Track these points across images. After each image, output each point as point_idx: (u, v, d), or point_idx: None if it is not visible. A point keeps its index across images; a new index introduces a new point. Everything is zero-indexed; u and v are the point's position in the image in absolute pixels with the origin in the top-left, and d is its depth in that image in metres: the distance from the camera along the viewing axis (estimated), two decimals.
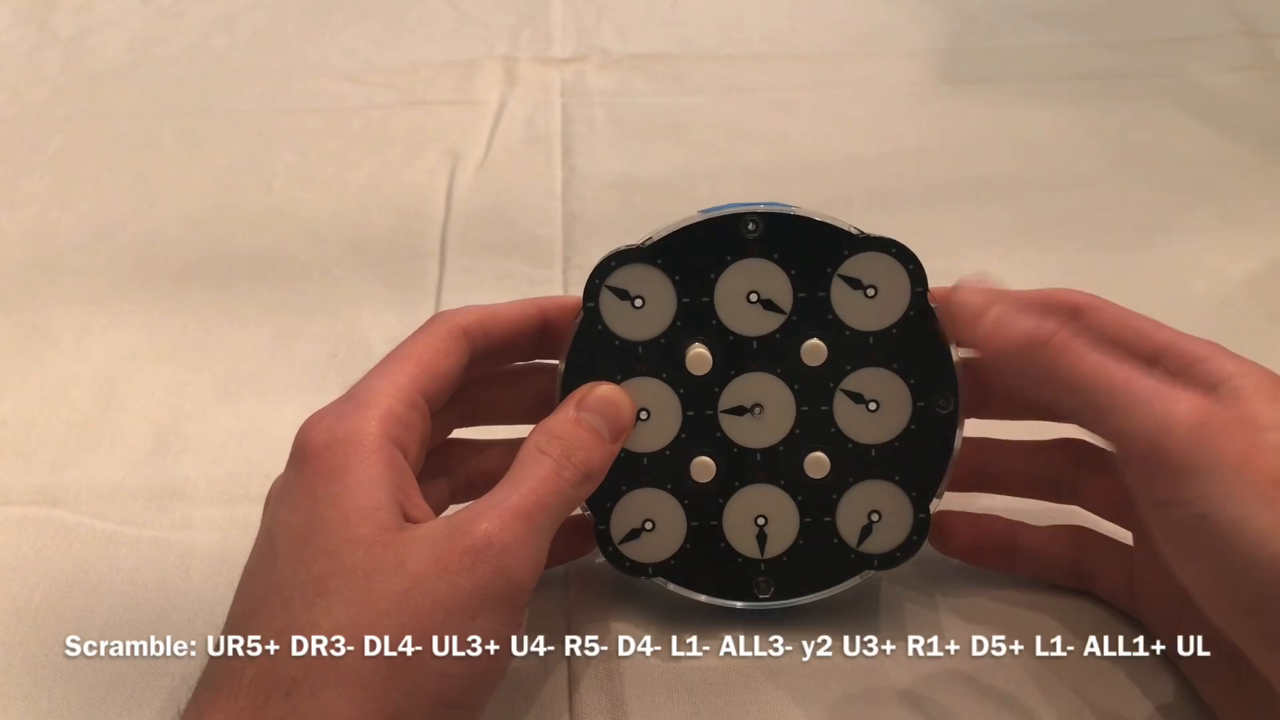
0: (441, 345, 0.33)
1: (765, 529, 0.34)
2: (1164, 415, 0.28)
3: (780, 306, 0.34)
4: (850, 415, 0.34)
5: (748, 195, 0.56)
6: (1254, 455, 0.27)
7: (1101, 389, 0.29)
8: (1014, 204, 0.55)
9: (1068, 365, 0.30)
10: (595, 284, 0.34)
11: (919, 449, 0.34)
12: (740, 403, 0.34)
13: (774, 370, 0.34)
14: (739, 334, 0.34)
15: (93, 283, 0.51)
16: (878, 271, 0.34)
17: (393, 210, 0.55)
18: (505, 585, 0.29)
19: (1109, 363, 0.29)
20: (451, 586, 0.29)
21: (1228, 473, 0.26)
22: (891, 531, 0.34)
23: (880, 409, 0.34)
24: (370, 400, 0.31)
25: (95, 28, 0.68)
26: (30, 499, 0.41)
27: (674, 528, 0.35)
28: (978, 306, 0.32)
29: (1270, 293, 0.49)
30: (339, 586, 0.28)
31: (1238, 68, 0.64)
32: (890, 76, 0.64)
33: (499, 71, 0.64)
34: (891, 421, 0.34)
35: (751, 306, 0.34)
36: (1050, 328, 0.30)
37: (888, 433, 0.34)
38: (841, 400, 0.34)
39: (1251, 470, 0.26)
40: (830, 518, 0.34)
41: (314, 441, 0.31)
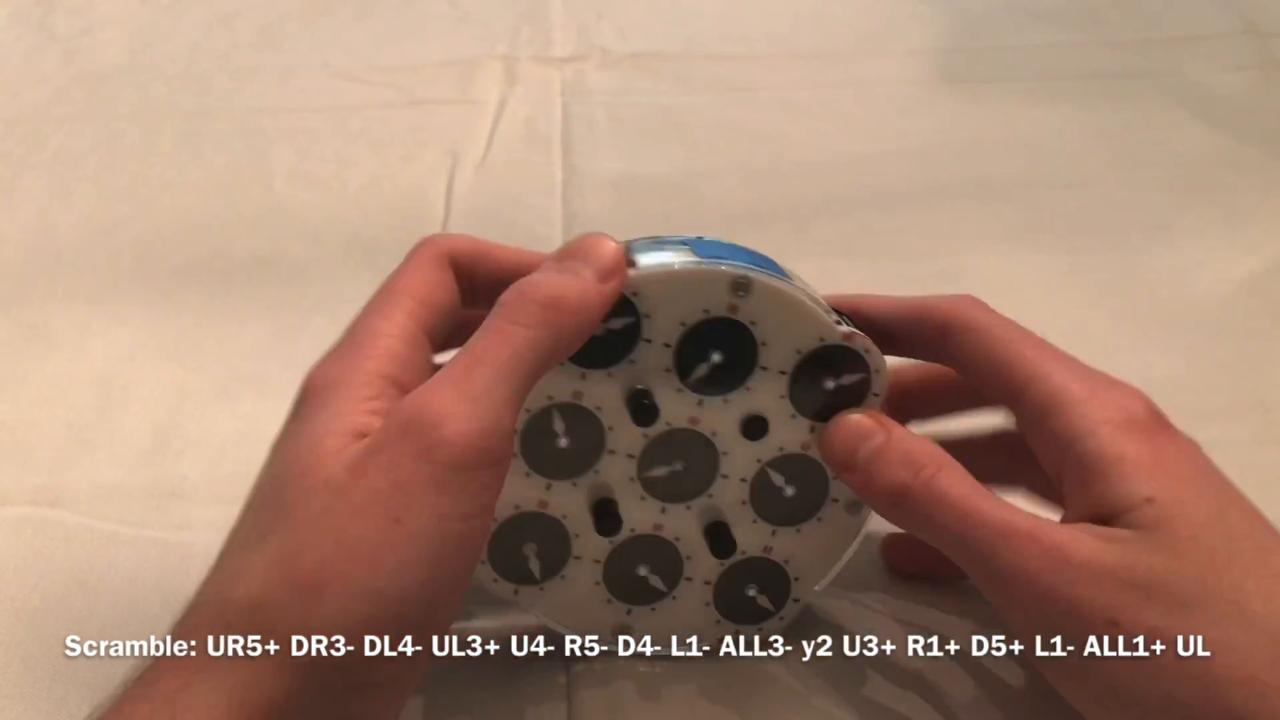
0: (436, 277, 0.31)
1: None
2: (1009, 568, 0.28)
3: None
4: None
5: (748, 195, 0.56)
6: (1088, 598, 0.27)
7: (955, 535, 0.29)
8: (1015, 204, 0.55)
9: (929, 514, 0.29)
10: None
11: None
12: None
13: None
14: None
15: (92, 282, 0.51)
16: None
17: (392, 210, 0.55)
18: (433, 470, 0.25)
19: (963, 504, 0.29)
20: (368, 489, 0.25)
21: (1066, 623, 0.27)
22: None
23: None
24: (366, 341, 0.29)
25: (95, 27, 0.68)
26: (30, 499, 0.41)
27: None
28: (846, 454, 0.31)
29: (1272, 292, 0.49)
30: (278, 525, 0.26)
31: (1239, 67, 0.64)
32: (891, 76, 0.64)
33: (499, 71, 0.64)
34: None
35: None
36: (908, 476, 0.29)
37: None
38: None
39: (1086, 614, 0.27)
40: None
41: (309, 386, 0.29)
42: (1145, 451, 0.28)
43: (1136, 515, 0.27)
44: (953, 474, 0.29)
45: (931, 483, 0.29)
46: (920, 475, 0.29)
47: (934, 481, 0.29)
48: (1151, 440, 0.29)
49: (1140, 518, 0.27)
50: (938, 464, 0.29)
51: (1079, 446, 0.28)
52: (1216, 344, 0.47)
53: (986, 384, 0.31)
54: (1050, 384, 0.30)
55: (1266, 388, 0.44)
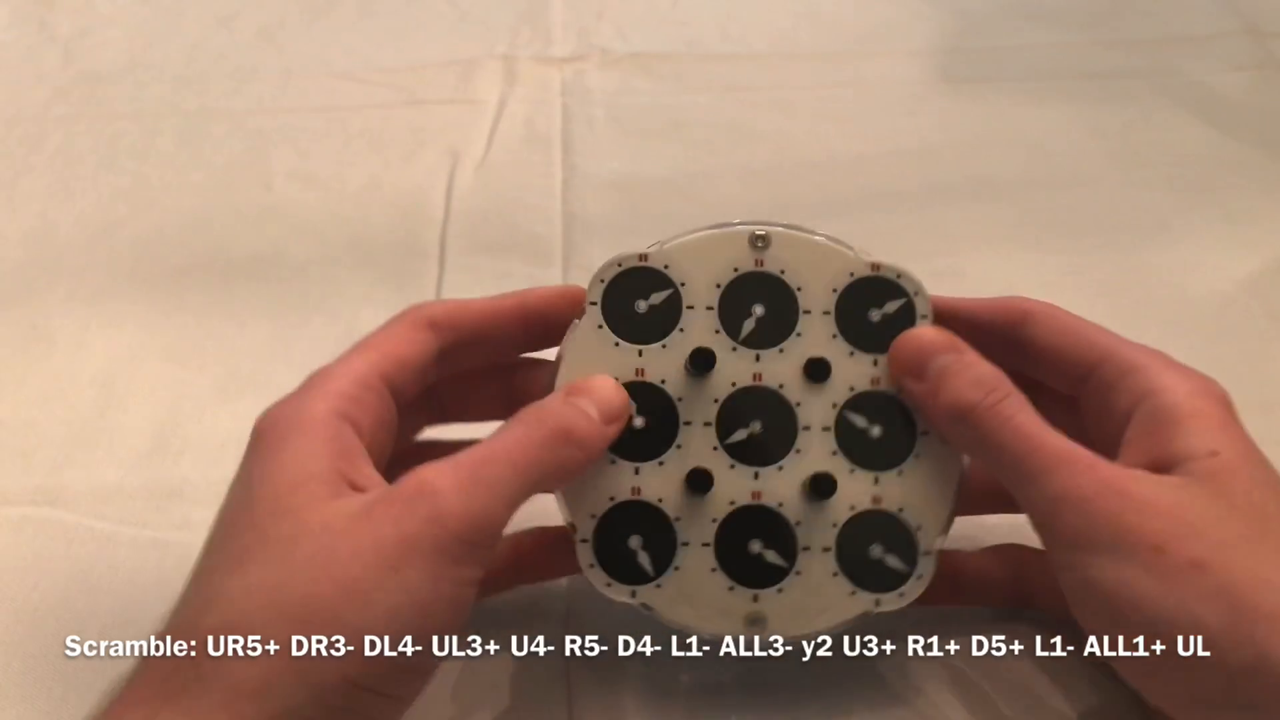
0: (404, 333, 0.33)
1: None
2: (1059, 490, 0.29)
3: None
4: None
5: (748, 195, 0.56)
6: (1136, 524, 0.28)
7: (1014, 456, 0.30)
8: (1015, 204, 0.55)
9: (989, 433, 0.30)
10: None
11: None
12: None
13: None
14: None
15: (92, 282, 0.51)
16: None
17: (392, 210, 0.55)
18: (438, 533, 0.27)
19: (1026, 428, 0.30)
20: (373, 536, 0.27)
21: (1111, 544, 0.28)
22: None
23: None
24: (318, 384, 0.31)
25: (95, 27, 0.68)
26: (30, 499, 0.41)
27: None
28: (917, 364, 0.32)
29: (1271, 292, 0.49)
30: (259, 555, 0.27)
31: (1239, 67, 0.64)
32: (891, 76, 0.64)
33: (499, 71, 0.64)
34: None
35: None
36: (977, 396, 0.31)
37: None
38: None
39: (1133, 538, 0.28)
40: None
41: (259, 426, 0.30)
42: (1216, 415, 0.30)
43: (1199, 465, 0.29)
44: (1018, 401, 0.31)
45: (998, 405, 0.30)
46: (989, 397, 0.31)
47: (1001, 405, 0.30)
48: (1223, 410, 0.30)
49: (1201, 468, 0.29)
50: (1005, 390, 0.31)
51: (1156, 399, 0.30)
52: (1216, 344, 0.47)
53: (1060, 360, 0.33)
54: (1132, 353, 0.32)
55: (1266, 388, 0.44)
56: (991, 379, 0.31)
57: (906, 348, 0.33)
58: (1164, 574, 0.27)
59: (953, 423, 0.31)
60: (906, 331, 0.33)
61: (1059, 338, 0.33)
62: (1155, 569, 0.27)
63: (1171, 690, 0.28)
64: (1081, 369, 0.32)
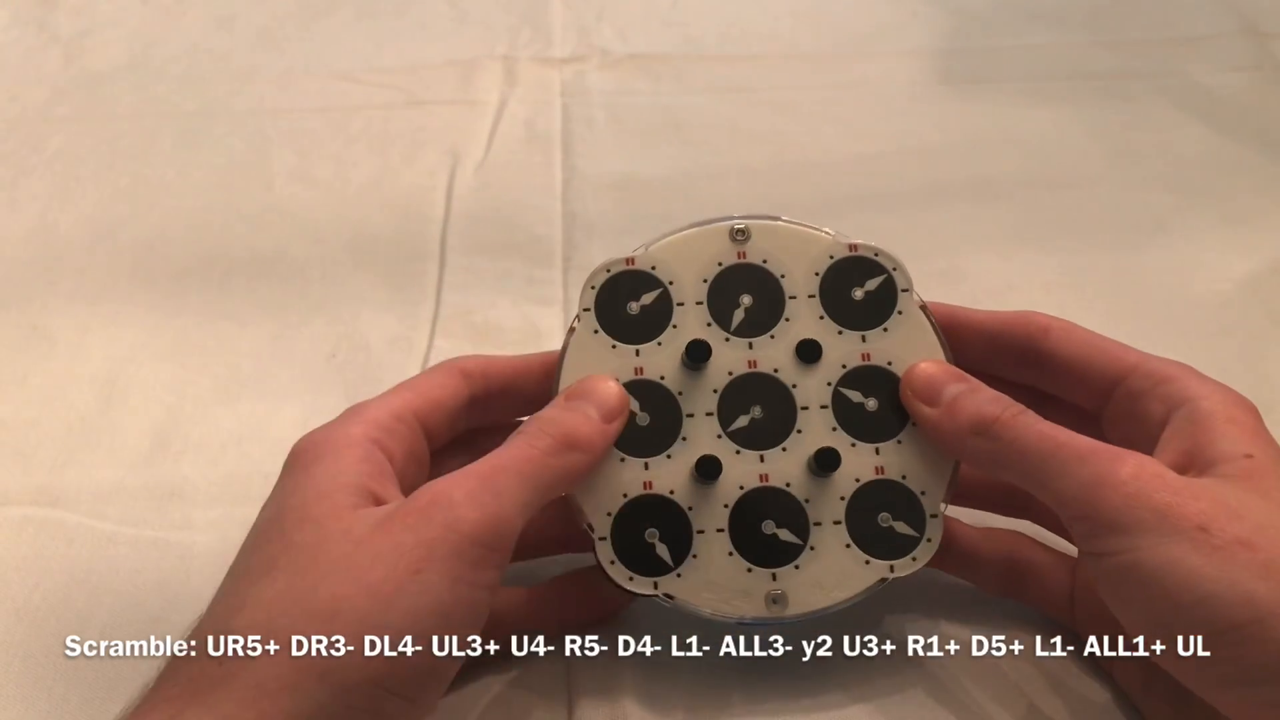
0: (438, 378, 0.35)
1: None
2: (1096, 475, 0.29)
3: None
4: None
5: (748, 195, 0.56)
6: (1178, 504, 0.28)
7: (1042, 454, 0.30)
8: (1014, 204, 0.55)
9: (1014, 439, 0.31)
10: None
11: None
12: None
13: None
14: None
15: (92, 283, 0.51)
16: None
17: (393, 210, 0.55)
18: (454, 538, 0.28)
19: (1050, 430, 0.31)
20: (393, 542, 0.28)
21: (1156, 523, 0.28)
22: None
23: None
24: (355, 414, 0.33)
25: (95, 28, 0.68)
26: (30, 499, 0.41)
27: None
28: (934, 386, 0.33)
29: (1270, 293, 0.49)
30: (284, 562, 0.28)
31: (1238, 68, 0.64)
32: (890, 76, 0.64)
33: (499, 71, 0.64)
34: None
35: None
36: (997, 410, 0.31)
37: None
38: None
39: (1177, 517, 0.28)
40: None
41: (295, 448, 0.32)
42: (1250, 423, 0.31)
43: (1234, 466, 0.29)
44: (1035, 414, 0.32)
45: (1020, 415, 0.31)
46: (1008, 410, 0.31)
47: (1021, 415, 0.31)
48: (1256, 419, 0.31)
49: (1237, 469, 0.29)
50: (1021, 407, 0.32)
51: (1193, 405, 0.31)
52: (1216, 344, 0.47)
53: (1084, 372, 0.34)
54: (1161, 365, 0.33)
55: (1266, 388, 0.44)
56: (1006, 398, 0.32)
57: (918, 379, 0.34)
58: (1212, 551, 0.27)
59: (974, 436, 0.32)
60: (912, 366, 0.34)
61: (1081, 350, 0.34)
62: (1203, 546, 0.27)
63: (1219, 671, 0.27)
64: (1106, 381, 0.33)
